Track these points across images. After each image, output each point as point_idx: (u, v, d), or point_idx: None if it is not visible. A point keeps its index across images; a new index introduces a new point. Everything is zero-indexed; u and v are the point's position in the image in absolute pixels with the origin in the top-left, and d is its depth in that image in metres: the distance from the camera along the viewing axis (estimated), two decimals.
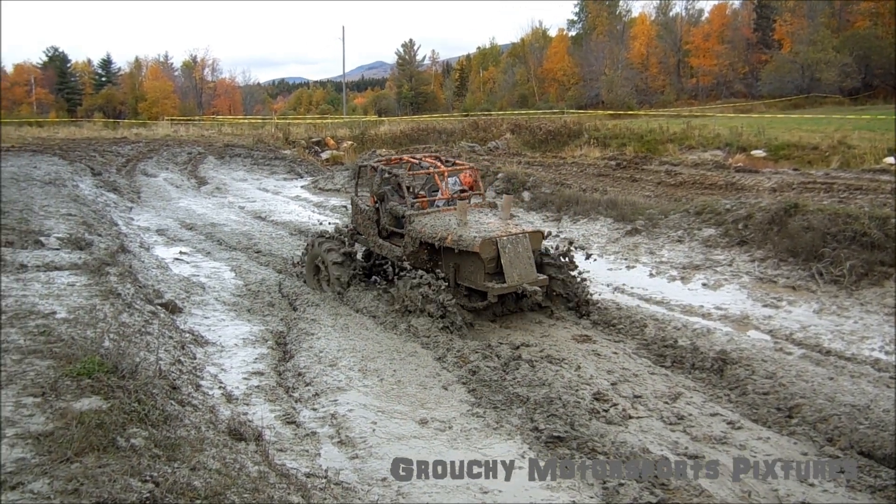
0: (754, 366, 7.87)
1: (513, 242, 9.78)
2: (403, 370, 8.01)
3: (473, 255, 9.80)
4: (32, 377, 5.43)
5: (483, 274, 9.81)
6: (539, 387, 7.28)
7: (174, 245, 15.90)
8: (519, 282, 9.61)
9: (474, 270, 9.98)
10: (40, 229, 12.30)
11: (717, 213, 13.83)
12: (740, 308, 10.42)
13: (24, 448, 4.29)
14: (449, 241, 9.93)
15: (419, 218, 10.74)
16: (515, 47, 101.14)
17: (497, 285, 9.65)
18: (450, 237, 9.95)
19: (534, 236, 10.16)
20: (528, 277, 9.75)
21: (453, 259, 10.31)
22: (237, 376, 7.86)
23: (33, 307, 7.53)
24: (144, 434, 4.72)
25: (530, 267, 9.86)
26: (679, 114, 47.68)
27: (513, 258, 9.71)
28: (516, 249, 9.77)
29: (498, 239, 9.66)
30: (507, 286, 9.59)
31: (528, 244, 9.94)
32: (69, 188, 20.00)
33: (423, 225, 10.52)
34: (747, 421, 6.78)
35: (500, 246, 9.64)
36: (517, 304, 10.54)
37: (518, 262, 9.74)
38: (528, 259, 9.86)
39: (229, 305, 10.96)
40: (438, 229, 10.25)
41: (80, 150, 31.83)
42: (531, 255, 9.96)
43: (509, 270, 9.63)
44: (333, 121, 58.42)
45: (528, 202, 18.54)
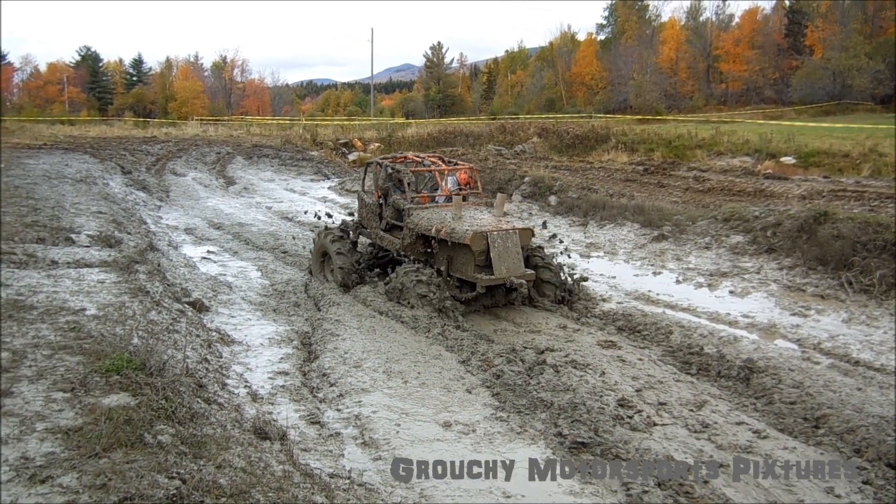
0: (781, 375, 7.80)
1: (503, 237, 10.39)
2: (428, 373, 8.02)
3: (465, 248, 10.44)
4: (62, 373, 5.50)
5: (473, 266, 10.45)
6: (563, 392, 7.26)
7: (202, 244, 16.04)
8: (507, 275, 10.23)
9: (465, 262, 10.64)
10: (71, 226, 12.45)
11: (745, 220, 13.73)
12: (768, 316, 10.33)
13: (53, 442, 4.35)
14: (443, 234, 10.67)
15: (417, 212, 11.52)
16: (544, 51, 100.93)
17: (485, 277, 10.27)
18: (444, 230, 10.67)
19: (523, 233, 10.77)
20: (516, 271, 10.35)
21: (447, 251, 10.92)
22: (262, 375, 7.92)
23: (64, 303, 7.63)
24: (171, 431, 4.77)
25: (518, 261, 10.46)
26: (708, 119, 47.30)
27: (502, 252, 10.32)
28: (505, 244, 10.37)
29: (488, 233, 10.27)
30: (494, 278, 10.21)
31: (518, 240, 10.54)
32: (99, 186, 20.23)
33: (421, 218, 11.31)
34: (773, 430, 6.72)
35: (490, 240, 10.26)
36: (507, 297, 11.10)
37: (507, 257, 10.34)
38: (516, 254, 10.46)
39: (255, 305, 11.04)
40: (434, 222, 10.99)
41: (110, 148, 32.23)
42: (520, 250, 10.55)
43: (498, 264, 10.24)
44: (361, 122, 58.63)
45: (554, 206, 18.51)
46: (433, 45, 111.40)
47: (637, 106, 65.74)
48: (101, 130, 45.72)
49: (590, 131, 34.32)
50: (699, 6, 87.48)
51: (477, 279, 10.37)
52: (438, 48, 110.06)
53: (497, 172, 21.96)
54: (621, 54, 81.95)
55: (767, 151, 26.20)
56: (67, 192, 17.30)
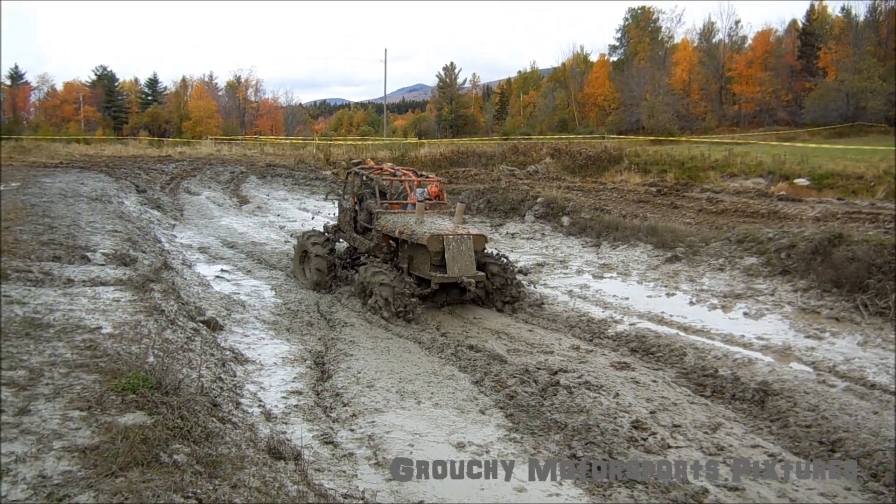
0: (796, 398, 7.76)
1: (457, 241, 11.72)
2: (441, 393, 8.02)
3: (423, 249, 11.79)
4: (79, 391, 5.53)
5: (430, 265, 11.84)
6: (577, 413, 7.24)
7: (216, 263, 16.09)
8: (459, 274, 11.56)
9: (423, 262, 12.00)
10: (87, 245, 12.53)
11: (759, 241, 13.69)
12: (782, 338, 10.27)
13: (70, 461, 4.37)
14: (404, 235, 12.11)
15: (385, 216, 13.03)
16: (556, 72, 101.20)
17: (439, 275, 11.64)
18: (405, 232, 12.10)
19: (477, 239, 12.17)
20: (468, 272, 11.66)
21: (408, 251, 12.39)
22: (276, 395, 7.92)
23: (80, 322, 7.67)
24: (187, 450, 4.78)
25: (471, 263, 11.77)
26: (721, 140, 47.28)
27: (456, 254, 11.65)
28: (459, 247, 11.70)
29: (444, 236, 11.62)
30: (447, 276, 11.57)
31: (471, 244, 11.87)
32: (115, 205, 20.36)
33: (387, 221, 12.78)
34: (789, 454, 6.68)
35: (445, 243, 11.60)
36: (461, 295, 12.47)
37: (460, 258, 11.67)
38: (469, 257, 11.77)
39: (269, 324, 11.06)
40: (398, 225, 12.43)
41: (125, 167, 32.45)
42: (472, 254, 11.84)
43: (451, 264, 11.59)
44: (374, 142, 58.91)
45: (567, 227, 18.51)
46: (446, 66, 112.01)
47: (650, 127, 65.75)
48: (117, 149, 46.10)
49: (602, 152, 34.32)
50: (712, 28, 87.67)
51: (432, 277, 11.73)
52: (451, 69, 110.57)
53: (510, 193, 21.99)
54: (634, 75, 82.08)
55: (781, 173, 26.12)
56: (83, 210, 17.42)
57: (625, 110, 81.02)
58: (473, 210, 21.93)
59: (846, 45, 66.89)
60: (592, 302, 12.68)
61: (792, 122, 67.12)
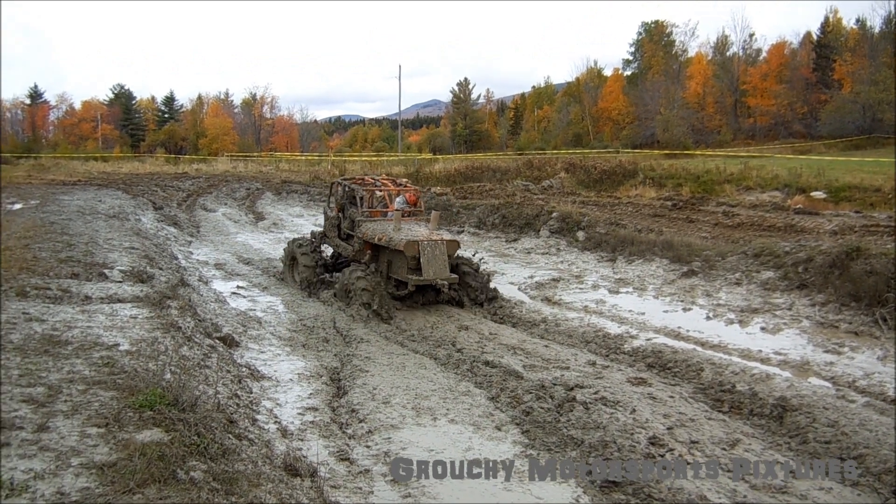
0: (815, 413, 7.69)
1: (432, 246, 12.82)
2: (456, 409, 8.00)
3: (401, 253, 12.93)
4: (97, 408, 5.56)
5: (406, 268, 12.92)
6: (594, 429, 7.21)
7: (232, 279, 16.17)
8: (433, 277, 12.67)
9: (401, 265, 13.12)
10: (104, 262, 12.61)
11: (776, 255, 13.62)
12: (800, 353, 10.20)
13: (88, 478, 4.38)
14: (383, 241, 13.31)
15: (366, 223, 14.24)
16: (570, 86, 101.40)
17: (415, 277, 12.73)
18: (384, 237, 13.31)
19: (450, 244, 13.28)
20: (442, 274, 12.76)
21: (387, 256, 13.61)
22: (292, 411, 7.93)
23: (98, 339, 7.72)
24: (203, 467, 4.80)
25: (444, 267, 12.87)
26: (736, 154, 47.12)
27: (430, 258, 12.73)
28: (434, 252, 12.79)
29: (420, 242, 12.72)
30: (423, 279, 12.67)
31: (445, 249, 12.99)
32: (132, 222, 20.52)
33: (368, 228, 13.99)
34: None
35: (420, 247, 12.69)
36: (437, 296, 13.44)
37: (434, 262, 12.75)
38: (443, 260, 12.87)
39: (285, 340, 11.08)
40: (378, 232, 13.63)
41: (142, 184, 32.73)
42: (446, 258, 12.95)
43: (426, 267, 12.67)
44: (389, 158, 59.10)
45: (582, 242, 18.48)
46: (460, 82, 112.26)
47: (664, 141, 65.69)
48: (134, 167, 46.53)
49: (617, 166, 34.31)
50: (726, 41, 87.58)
51: (408, 279, 12.82)
52: (465, 84, 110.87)
53: (524, 208, 21.99)
54: (648, 89, 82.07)
55: (797, 186, 26.01)
56: (101, 227, 17.55)
57: (639, 124, 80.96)
58: (488, 225, 21.95)
59: (861, 57, 66.63)
60: (608, 317, 12.64)
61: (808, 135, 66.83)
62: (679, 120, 70.79)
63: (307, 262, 15.25)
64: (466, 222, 22.89)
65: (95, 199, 24.79)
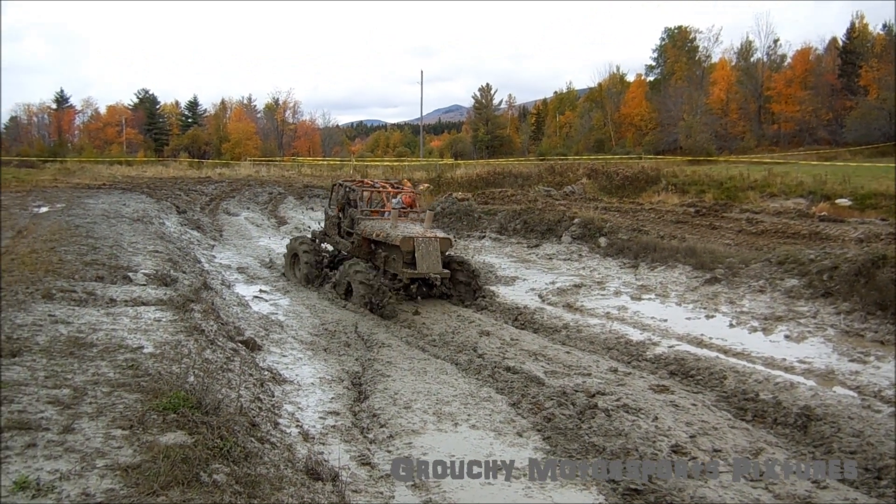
0: (840, 423, 7.61)
1: (426, 243, 13.94)
2: (478, 415, 8.00)
3: (397, 248, 14.05)
4: (121, 410, 5.60)
5: (402, 263, 14.06)
6: (615, 437, 7.18)
7: (254, 283, 16.26)
8: (427, 271, 13.79)
9: (397, 260, 14.27)
10: (129, 265, 12.72)
11: (800, 263, 13.49)
12: (825, 362, 10.09)
13: (112, 479, 4.42)
14: (380, 237, 14.48)
15: (365, 221, 15.44)
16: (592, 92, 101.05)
17: (410, 271, 13.86)
18: (381, 234, 14.50)
19: (443, 241, 14.45)
20: (435, 269, 13.90)
21: (384, 251, 14.73)
22: (314, 415, 7.95)
23: (122, 341, 7.78)
24: (226, 470, 4.82)
25: (437, 262, 13.98)
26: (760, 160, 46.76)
27: (424, 254, 13.83)
28: (428, 248, 13.91)
29: (415, 238, 13.90)
30: (417, 272, 13.79)
31: (438, 246, 14.12)
32: (156, 225, 20.68)
33: (366, 226, 15.15)
34: (833, 480, 6.54)
35: (416, 243, 13.86)
36: (430, 290, 14.69)
37: (428, 257, 13.84)
38: (436, 256, 13.97)
39: (306, 344, 11.11)
40: (376, 229, 14.80)
41: (166, 188, 32.91)
42: (439, 254, 14.08)
43: (420, 262, 13.78)
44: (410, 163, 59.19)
45: (604, 248, 18.41)
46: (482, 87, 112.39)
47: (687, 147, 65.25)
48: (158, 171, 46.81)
49: (640, 172, 34.13)
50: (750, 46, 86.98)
51: (403, 272, 13.93)
52: (487, 89, 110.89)
53: (546, 213, 21.94)
54: (671, 95, 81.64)
55: (822, 193, 25.76)
56: (125, 231, 17.70)
57: (662, 130, 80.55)
58: (510, 231, 21.91)
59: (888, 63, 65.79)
60: (630, 324, 12.58)
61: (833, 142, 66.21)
62: (702, 126, 70.33)
63: (308, 258, 16.36)
64: (488, 228, 22.87)
65: (120, 203, 24.99)
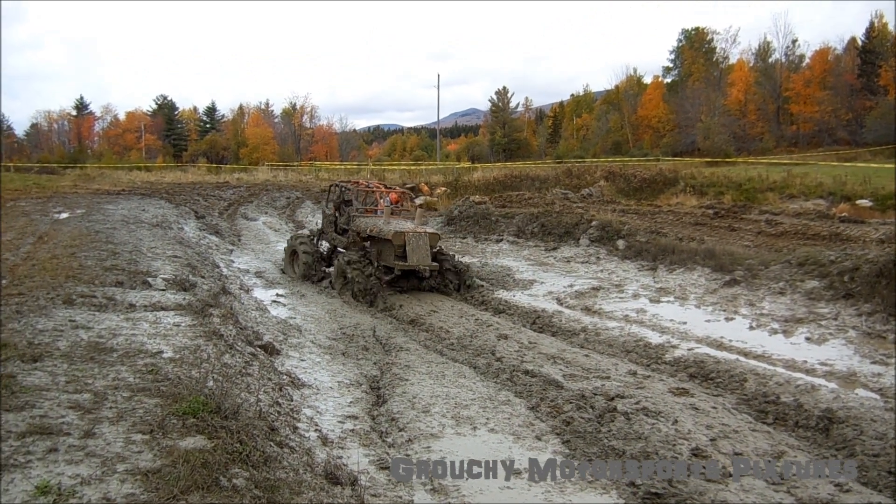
0: (863, 426, 7.52)
1: (416, 237, 15.08)
2: (496, 419, 7.97)
3: (389, 243, 15.17)
4: (141, 414, 5.63)
5: (394, 256, 15.13)
6: (635, 440, 7.13)
7: (272, 287, 16.31)
8: (417, 263, 14.86)
9: (389, 253, 15.33)
10: (148, 270, 12.79)
11: (821, 264, 13.38)
12: (847, 364, 9.98)
13: (133, 484, 4.44)
14: (374, 232, 15.81)
15: (359, 218, 16.84)
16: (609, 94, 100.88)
17: (401, 263, 14.95)
18: (375, 229, 15.80)
19: (432, 236, 15.59)
20: (424, 262, 14.99)
21: (377, 245, 15.97)
22: (332, 419, 7.95)
23: (142, 346, 7.83)
24: (246, 475, 4.83)
25: (427, 255, 15.10)
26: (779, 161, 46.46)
27: (415, 247, 14.94)
28: (418, 242, 15.03)
29: (406, 233, 15.00)
30: (407, 264, 14.87)
31: (427, 240, 15.21)
32: (174, 231, 20.80)
33: (361, 222, 16.57)
34: (856, 484, 6.47)
35: (406, 238, 14.96)
36: (420, 283, 15.70)
37: (418, 251, 14.95)
38: (426, 250, 15.09)
39: (324, 348, 11.13)
40: (369, 225, 16.18)
41: (184, 193, 33.16)
42: (429, 248, 15.17)
43: (411, 255, 14.88)
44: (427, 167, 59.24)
45: (622, 251, 18.34)
46: (499, 90, 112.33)
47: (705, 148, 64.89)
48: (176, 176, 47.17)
49: (657, 174, 34.05)
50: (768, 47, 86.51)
51: (395, 265, 15.00)
52: (504, 92, 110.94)
53: (564, 216, 21.88)
54: (688, 96, 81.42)
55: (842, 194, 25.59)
56: (144, 236, 17.82)
57: (679, 132, 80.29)
58: (527, 234, 21.87)
59: None
60: (649, 326, 12.51)
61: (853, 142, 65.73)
62: (720, 127, 70.03)
63: (307, 255, 17.44)
64: (505, 231, 22.83)
65: (139, 209, 25.17)
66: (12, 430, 5.10)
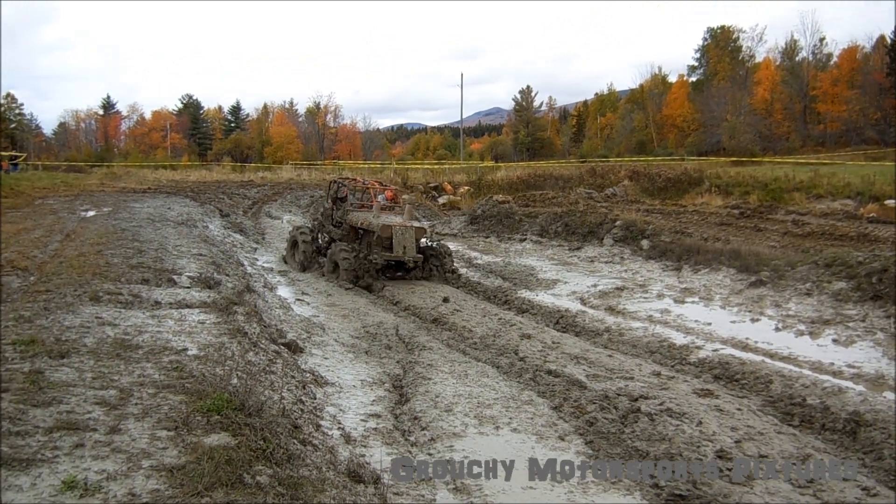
0: (891, 429, 7.43)
1: (402, 230, 16.63)
2: (519, 419, 7.95)
3: (377, 234, 16.68)
4: (166, 411, 5.67)
5: (381, 247, 16.74)
6: (659, 441, 7.09)
7: (295, 285, 16.37)
8: (402, 254, 16.51)
9: (377, 244, 16.82)
10: (173, 268, 12.90)
11: (848, 265, 13.23)
12: (875, 367, 9.85)
13: (158, 480, 4.48)
14: (364, 225, 17.40)
15: (353, 212, 18.37)
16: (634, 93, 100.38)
17: (387, 254, 16.62)
18: (365, 223, 17.37)
19: (418, 230, 17.20)
20: (410, 253, 16.67)
21: (368, 237, 17.41)
22: (355, 417, 7.96)
23: (167, 343, 7.89)
24: (269, 472, 4.85)
25: (412, 247, 16.77)
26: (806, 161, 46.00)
27: (401, 239, 16.56)
28: (404, 234, 16.62)
29: (393, 226, 16.65)
30: (393, 255, 16.60)
31: (413, 233, 16.81)
32: (199, 229, 20.95)
33: (354, 216, 18.07)
34: (884, 488, 6.39)
35: (394, 231, 16.58)
36: (407, 273, 17.26)
37: (405, 242, 16.55)
38: (412, 242, 16.74)
39: (348, 346, 11.15)
40: (361, 218, 17.72)
41: (209, 192, 33.38)
42: (414, 240, 16.81)
43: (397, 247, 16.55)
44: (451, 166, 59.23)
45: (646, 251, 18.23)
46: (522, 89, 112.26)
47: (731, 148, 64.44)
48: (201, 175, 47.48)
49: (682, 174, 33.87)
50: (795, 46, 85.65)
51: (381, 255, 16.52)
52: (528, 92, 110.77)
53: (587, 216, 21.80)
54: (714, 95, 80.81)
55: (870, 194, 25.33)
56: (170, 234, 17.97)
57: (705, 131, 79.75)
58: (551, 233, 21.81)
59: None
60: (673, 327, 12.43)
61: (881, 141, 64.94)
62: (746, 126, 69.49)
63: (305, 246, 18.87)
64: (529, 230, 22.79)
65: (165, 207, 25.38)
66: (40, 426, 5.16)
